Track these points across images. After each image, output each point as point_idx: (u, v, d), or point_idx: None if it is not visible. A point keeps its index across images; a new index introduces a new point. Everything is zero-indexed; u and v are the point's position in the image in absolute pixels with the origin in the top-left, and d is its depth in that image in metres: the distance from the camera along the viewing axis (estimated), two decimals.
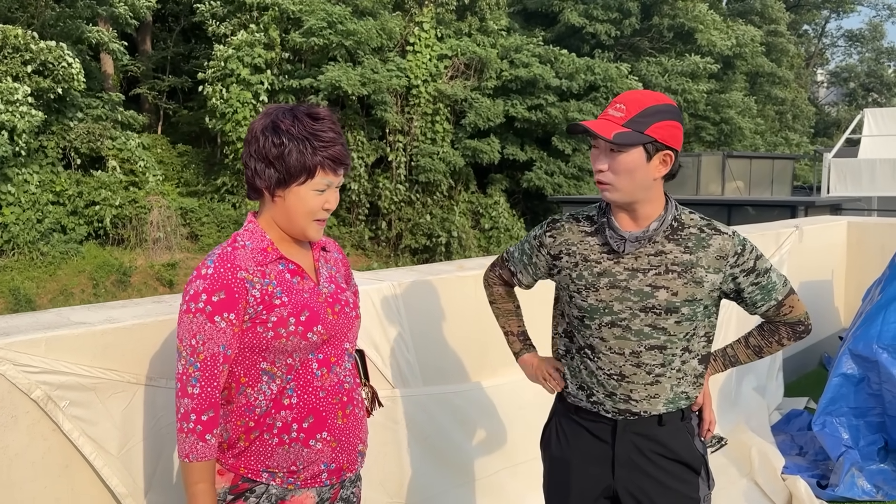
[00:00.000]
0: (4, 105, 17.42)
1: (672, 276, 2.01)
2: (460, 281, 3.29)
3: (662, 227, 2.02)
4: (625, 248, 2.02)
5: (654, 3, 30.36)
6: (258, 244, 1.84)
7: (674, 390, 2.10)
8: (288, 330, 1.79)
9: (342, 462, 1.90)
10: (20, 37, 18.28)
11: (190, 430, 1.74)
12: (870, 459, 4.18)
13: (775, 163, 22.84)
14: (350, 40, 21.54)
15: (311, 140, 1.77)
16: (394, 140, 24.11)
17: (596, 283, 2.04)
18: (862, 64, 48.91)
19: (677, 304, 2.02)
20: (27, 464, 2.03)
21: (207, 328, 1.74)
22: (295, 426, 1.82)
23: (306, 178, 1.79)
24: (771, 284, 2.10)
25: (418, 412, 3.07)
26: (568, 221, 2.16)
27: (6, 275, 18.30)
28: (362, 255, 23.95)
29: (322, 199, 1.83)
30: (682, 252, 2.03)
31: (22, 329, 2.09)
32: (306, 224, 1.84)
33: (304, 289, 1.86)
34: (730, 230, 2.08)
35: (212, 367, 1.75)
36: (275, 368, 1.81)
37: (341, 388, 1.89)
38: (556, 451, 2.21)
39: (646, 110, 1.94)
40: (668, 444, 2.11)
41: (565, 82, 25.80)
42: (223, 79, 21.42)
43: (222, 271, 1.76)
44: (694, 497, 2.12)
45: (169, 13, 26.44)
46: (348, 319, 1.93)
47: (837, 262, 6.62)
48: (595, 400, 2.12)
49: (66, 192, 19.88)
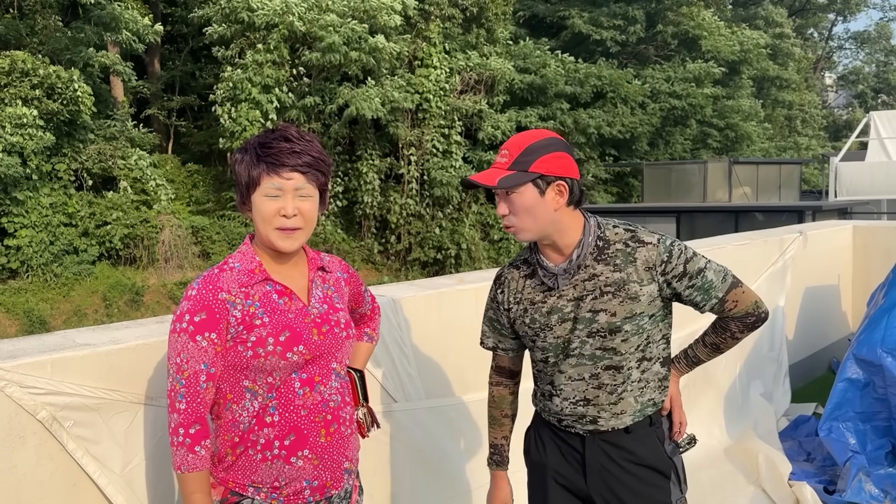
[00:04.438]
0: (14, 128, 17.67)
1: (607, 298, 2.04)
2: (460, 294, 3.33)
3: (584, 252, 2.05)
4: (557, 283, 2.07)
5: (658, 10, 30.44)
6: (246, 265, 1.90)
7: (639, 401, 2.14)
8: (266, 349, 1.83)
9: (325, 479, 1.93)
10: (28, 61, 18.55)
11: (180, 444, 1.81)
12: (877, 464, 4.17)
13: (782, 168, 22.75)
14: (371, 57, 21.62)
15: (257, 149, 1.84)
16: (406, 154, 24.21)
17: (549, 322, 2.09)
18: (870, 66, 48.73)
19: (618, 323, 2.05)
20: (35, 483, 2.07)
21: (190, 347, 1.81)
22: (277, 443, 1.87)
23: (255, 185, 1.84)
24: (707, 284, 2.09)
25: (414, 425, 3.10)
26: (509, 271, 2.21)
27: (21, 297, 18.46)
28: (372, 268, 24.00)
29: (276, 205, 1.84)
30: (612, 271, 2.05)
31: (28, 351, 2.14)
32: (268, 232, 1.86)
33: (289, 309, 1.89)
34: (655, 237, 2.07)
35: (195, 383, 1.82)
36: (256, 386, 1.86)
37: (325, 407, 1.92)
38: (535, 457, 2.28)
39: (527, 149, 2.00)
40: (635, 451, 2.15)
41: (577, 89, 25.91)
42: (233, 98, 21.59)
43: (204, 293, 1.83)
44: (666, 501, 2.15)
45: (177, 34, 26.71)
46: (337, 340, 1.95)
47: (844, 266, 6.61)
48: (565, 424, 2.18)
49: (78, 213, 20.06)
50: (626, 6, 29.71)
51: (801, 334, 5.94)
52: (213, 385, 1.86)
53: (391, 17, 22.06)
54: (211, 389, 1.86)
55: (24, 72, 18.60)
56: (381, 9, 21.94)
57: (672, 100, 28.97)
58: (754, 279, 5.14)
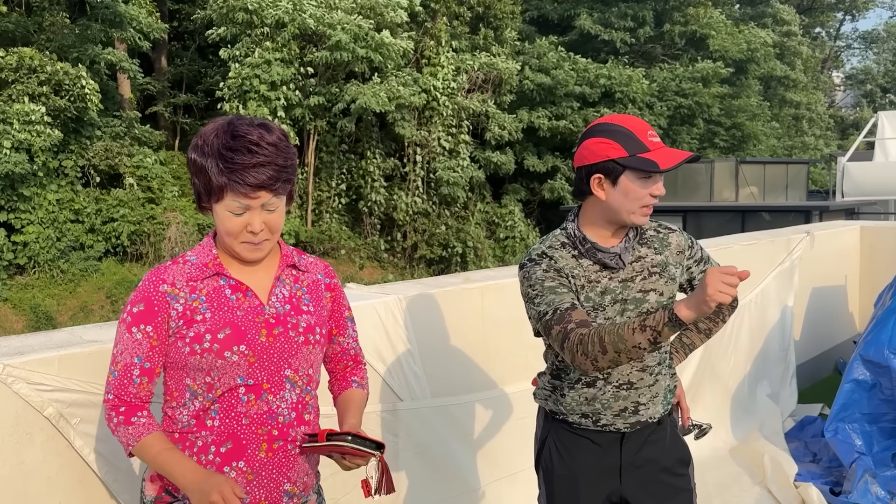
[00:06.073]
0: (22, 125, 17.74)
1: (655, 278, 2.11)
2: (466, 293, 3.33)
3: (637, 233, 2.13)
4: (622, 261, 2.09)
5: (665, 10, 30.38)
6: (202, 259, 1.79)
7: (666, 385, 2.20)
8: (203, 346, 1.71)
9: (258, 497, 1.77)
10: (35, 58, 18.61)
11: (116, 425, 1.74)
12: (884, 465, 4.15)
13: (789, 167, 22.67)
14: (378, 53, 21.62)
15: (219, 160, 1.67)
16: (412, 153, 24.21)
17: (602, 303, 2.08)
18: (879, 65, 48.55)
19: (665, 303, 2.11)
20: (43, 479, 2.08)
21: (126, 338, 1.74)
22: (213, 448, 1.75)
23: (217, 198, 1.70)
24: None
25: (419, 424, 3.10)
26: (553, 251, 2.10)
27: (27, 293, 18.53)
28: (378, 266, 24.01)
29: (241, 222, 1.71)
30: (655, 253, 2.14)
31: (35, 348, 2.15)
32: (233, 245, 1.75)
33: (240, 306, 1.76)
34: (675, 226, 2.23)
35: (128, 377, 1.73)
36: (195, 385, 1.75)
37: (272, 420, 1.76)
38: (560, 469, 2.21)
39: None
40: (666, 443, 2.21)
41: (586, 89, 25.90)
42: (241, 95, 21.62)
43: (147, 284, 1.74)
44: (688, 488, 2.23)
45: (184, 31, 26.75)
46: (291, 344, 1.78)
47: (851, 267, 6.59)
48: (604, 423, 2.15)
49: (84, 209, 20.13)
50: (634, 5, 29.66)
51: (808, 335, 5.92)
52: (149, 381, 1.75)
53: (397, 12, 22.05)
54: (146, 385, 1.75)
55: (32, 68, 18.68)
56: (388, 5, 21.95)
57: (679, 98, 28.94)
58: (761, 279, 5.13)
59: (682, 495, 2.21)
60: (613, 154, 1.99)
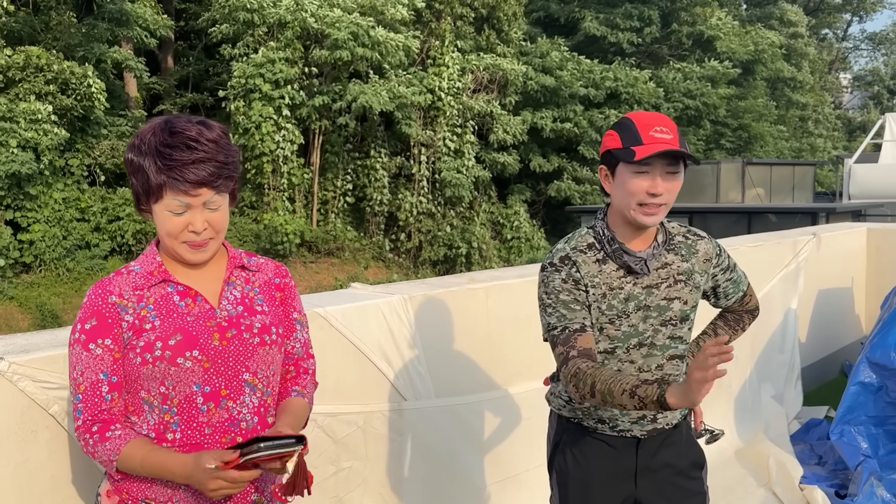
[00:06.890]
0: (28, 124, 17.80)
1: (680, 286, 2.08)
2: (471, 293, 3.32)
3: (665, 237, 2.09)
4: (647, 267, 2.05)
5: (672, 10, 30.34)
6: (146, 268, 1.74)
7: None
8: (154, 355, 1.65)
9: None
10: (42, 57, 18.68)
11: (93, 445, 1.67)
12: (889, 468, 4.13)
13: (796, 169, 22.60)
14: (376, 51, 21.64)
15: (156, 157, 1.62)
16: (417, 153, 24.22)
17: (626, 309, 2.05)
18: (886, 67, 48.38)
19: (688, 311, 2.09)
20: (48, 477, 2.08)
21: (84, 357, 1.67)
22: None
23: (156, 197, 1.66)
24: (738, 278, 2.25)
25: (424, 423, 3.10)
26: (577, 254, 2.06)
27: (33, 291, 18.59)
28: (382, 266, 24.01)
29: (181, 221, 1.67)
30: (681, 261, 2.11)
31: (41, 346, 2.16)
32: (175, 246, 1.70)
33: (190, 312, 1.71)
34: (704, 233, 2.19)
35: (93, 395, 1.67)
36: (151, 397, 1.69)
37: (234, 427, 1.71)
38: (575, 472, 2.19)
39: (679, 131, 2.01)
40: (682, 446, 2.21)
41: (591, 90, 25.88)
42: (245, 95, 21.66)
43: (94, 298, 1.70)
44: (702, 491, 2.24)
45: (191, 30, 26.81)
46: (246, 346, 1.73)
47: (857, 269, 6.57)
48: (621, 429, 2.14)
49: (90, 208, 20.18)
50: (641, 6, 29.63)
51: (814, 337, 5.90)
52: (119, 396, 1.69)
53: (397, 9, 22.04)
54: (117, 400, 1.69)
55: (39, 67, 18.74)
56: (388, 2, 21.95)
57: (686, 99, 28.90)
58: (767, 281, 5.11)
59: (696, 498, 2.21)
60: (611, 145, 2.00)
